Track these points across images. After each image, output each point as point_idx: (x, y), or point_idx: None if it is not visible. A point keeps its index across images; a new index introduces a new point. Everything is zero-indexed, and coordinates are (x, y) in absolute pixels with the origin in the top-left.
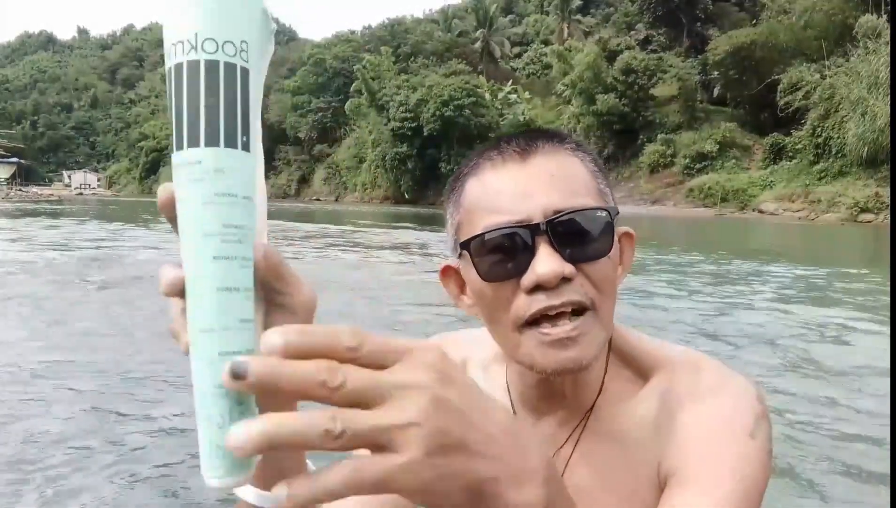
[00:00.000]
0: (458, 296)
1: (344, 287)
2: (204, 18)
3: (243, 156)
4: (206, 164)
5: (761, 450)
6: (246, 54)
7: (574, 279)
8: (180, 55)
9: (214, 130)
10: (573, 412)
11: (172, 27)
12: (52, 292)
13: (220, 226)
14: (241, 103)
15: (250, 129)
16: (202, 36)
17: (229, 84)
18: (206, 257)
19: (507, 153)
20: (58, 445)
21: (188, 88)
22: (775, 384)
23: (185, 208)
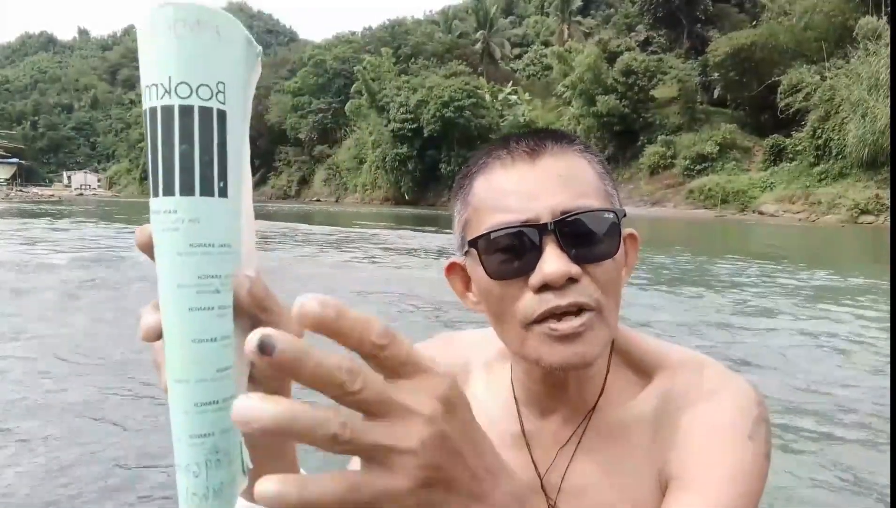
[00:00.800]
0: (463, 293)
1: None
2: (178, 61)
3: (220, 203)
4: (180, 213)
5: (759, 453)
6: (223, 95)
7: (580, 280)
8: (154, 99)
9: (189, 177)
10: (576, 411)
11: (147, 68)
12: (52, 290)
13: (196, 278)
14: (219, 147)
15: (228, 173)
16: (175, 80)
17: (205, 129)
18: (180, 308)
19: (516, 153)
20: (60, 445)
21: (162, 134)
22: (775, 384)
23: (161, 256)
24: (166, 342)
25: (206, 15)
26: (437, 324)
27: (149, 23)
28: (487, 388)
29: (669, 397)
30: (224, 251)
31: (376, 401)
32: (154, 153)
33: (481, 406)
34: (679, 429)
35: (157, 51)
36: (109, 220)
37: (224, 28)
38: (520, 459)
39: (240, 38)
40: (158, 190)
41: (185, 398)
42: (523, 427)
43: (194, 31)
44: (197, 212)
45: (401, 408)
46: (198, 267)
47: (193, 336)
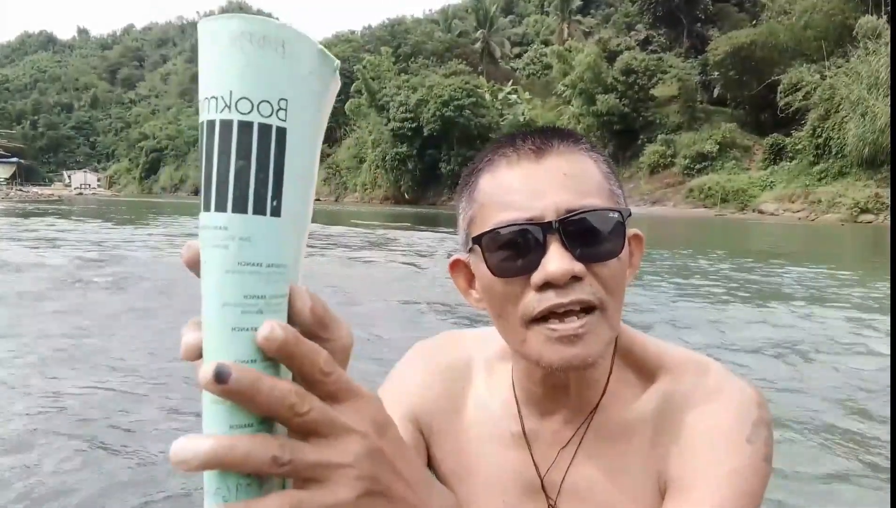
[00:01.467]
0: (466, 290)
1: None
2: (240, 76)
3: (272, 222)
4: (231, 230)
5: (758, 456)
6: (284, 113)
7: (584, 279)
8: (213, 112)
9: (243, 194)
10: (577, 412)
11: (207, 79)
12: (51, 291)
13: (241, 297)
14: (275, 166)
15: (283, 192)
16: (237, 95)
17: (262, 146)
18: (224, 328)
19: (522, 151)
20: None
21: (219, 149)
22: (775, 384)
23: (208, 273)
24: (206, 361)
25: (272, 30)
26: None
27: (211, 33)
28: (489, 387)
29: (671, 398)
30: (272, 271)
31: (321, 421)
32: (209, 166)
33: (482, 405)
34: (679, 431)
35: (219, 63)
36: (109, 219)
37: (290, 43)
38: (520, 458)
39: (307, 53)
40: (210, 204)
41: (221, 420)
42: (524, 427)
43: (259, 46)
44: (248, 230)
45: (340, 427)
46: (244, 286)
47: (234, 357)
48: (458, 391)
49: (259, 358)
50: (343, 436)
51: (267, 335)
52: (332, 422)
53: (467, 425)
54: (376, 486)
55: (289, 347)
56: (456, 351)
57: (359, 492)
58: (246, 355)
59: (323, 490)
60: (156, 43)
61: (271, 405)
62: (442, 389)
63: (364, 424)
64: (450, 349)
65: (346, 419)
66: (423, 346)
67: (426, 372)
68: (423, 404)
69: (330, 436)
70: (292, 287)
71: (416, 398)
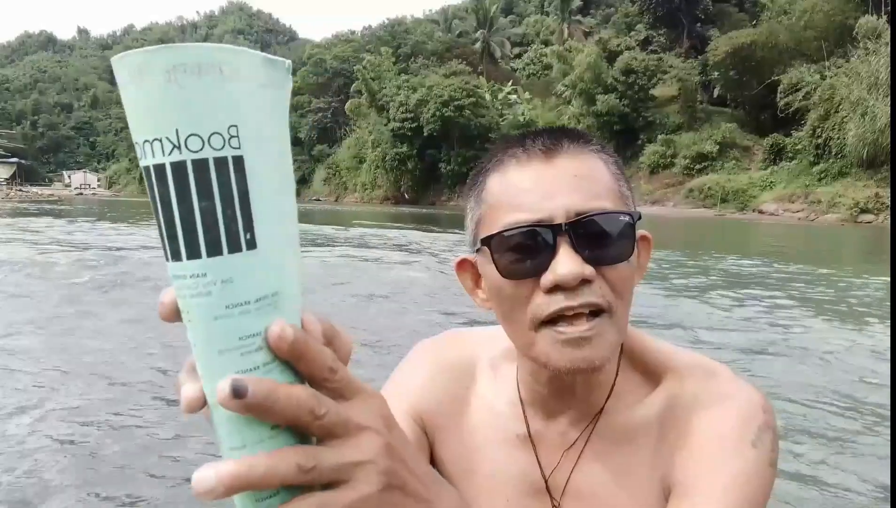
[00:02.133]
0: (472, 290)
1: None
2: (184, 113)
3: (250, 256)
4: (211, 276)
5: (762, 460)
6: (237, 140)
7: (593, 282)
8: (159, 155)
9: (214, 237)
10: (583, 413)
11: (142, 121)
12: (51, 291)
13: (237, 340)
14: (240, 198)
15: (254, 222)
16: (184, 133)
17: (223, 181)
18: (225, 375)
19: (532, 151)
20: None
21: (177, 194)
22: (775, 384)
23: (194, 323)
24: (214, 410)
25: (206, 56)
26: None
27: (136, 69)
28: (493, 387)
29: (677, 401)
30: (261, 305)
31: (337, 422)
32: (168, 214)
33: (487, 405)
34: (685, 434)
35: (156, 102)
36: (110, 219)
37: (228, 65)
38: (524, 459)
39: (250, 68)
40: (181, 254)
41: (236, 438)
42: (529, 428)
43: (196, 77)
44: (228, 271)
45: (355, 426)
46: (238, 329)
47: None
48: (462, 390)
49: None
50: (359, 434)
51: (279, 333)
52: (347, 421)
53: (471, 425)
54: (394, 480)
55: (299, 345)
56: (460, 350)
57: (380, 486)
58: None
59: (346, 489)
60: (156, 43)
61: (291, 411)
62: (445, 388)
63: (375, 420)
64: (453, 348)
65: (358, 417)
66: (426, 345)
67: (430, 371)
68: (427, 403)
69: (346, 435)
70: (284, 325)
71: (420, 397)
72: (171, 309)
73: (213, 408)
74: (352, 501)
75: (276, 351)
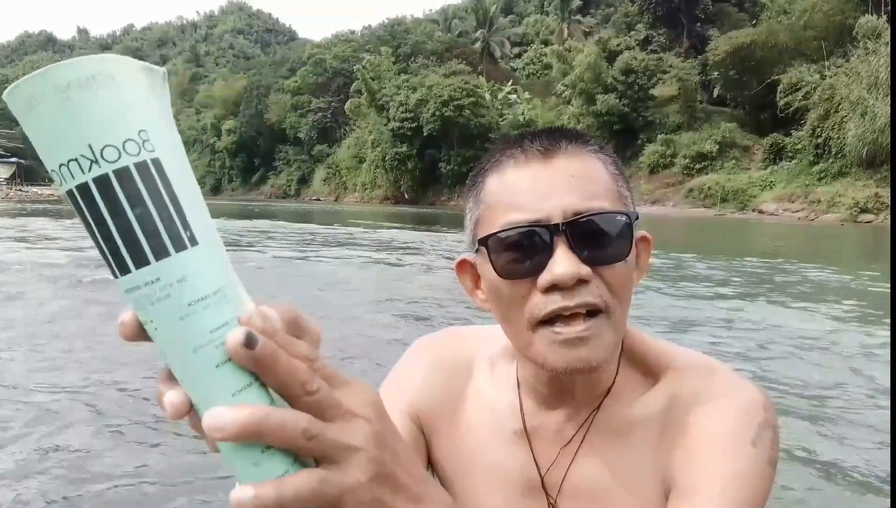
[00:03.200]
0: (472, 290)
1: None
2: (92, 126)
3: (195, 252)
4: (165, 279)
5: (762, 459)
6: (150, 143)
7: (590, 282)
8: (80, 175)
9: (157, 240)
10: (581, 409)
11: (52, 146)
12: (52, 291)
13: (208, 333)
14: (170, 198)
15: (187, 218)
16: (98, 146)
17: (149, 185)
18: (207, 370)
19: (530, 152)
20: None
21: (108, 207)
22: (775, 384)
23: (161, 329)
24: (203, 409)
25: (94, 67)
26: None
27: (30, 97)
28: (491, 384)
29: (677, 398)
30: (219, 297)
31: (328, 403)
32: (104, 230)
33: (484, 402)
34: (684, 432)
35: (60, 123)
36: None
37: (118, 73)
38: (521, 456)
39: (136, 75)
40: (127, 266)
41: (248, 455)
42: (525, 425)
43: (92, 88)
44: (181, 270)
45: (346, 411)
46: (206, 322)
47: (232, 390)
48: (460, 387)
49: (253, 380)
50: (350, 419)
51: (240, 340)
52: (338, 404)
53: (468, 422)
54: (383, 470)
55: (292, 324)
56: (458, 348)
57: (370, 475)
58: (241, 382)
59: (339, 471)
60: (155, 43)
61: (287, 378)
62: (443, 385)
63: (366, 409)
64: (451, 345)
65: (350, 404)
66: (424, 342)
67: (428, 368)
68: (424, 400)
69: (337, 419)
70: (256, 310)
71: (417, 395)
72: (132, 326)
73: (200, 408)
74: (344, 483)
75: (234, 356)
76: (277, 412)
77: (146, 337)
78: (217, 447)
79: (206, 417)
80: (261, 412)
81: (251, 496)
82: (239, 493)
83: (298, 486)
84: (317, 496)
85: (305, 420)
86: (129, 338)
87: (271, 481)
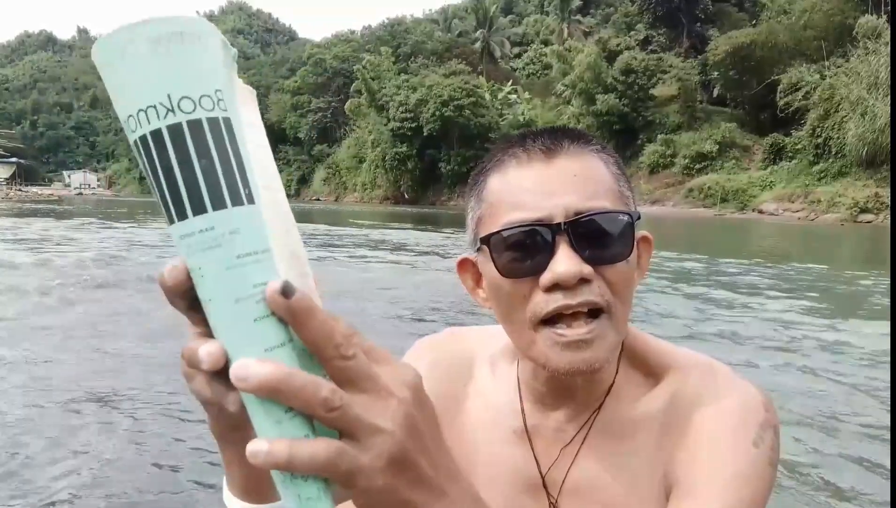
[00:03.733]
0: (473, 289)
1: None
2: (175, 76)
3: (251, 209)
4: (218, 229)
5: (763, 459)
6: (224, 103)
7: (592, 281)
8: (155, 121)
9: (217, 191)
10: (582, 409)
11: (132, 93)
12: (51, 291)
13: (252, 287)
14: (234, 155)
15: (248, 179)
16: (176, 96)
17: (217, 140)
18: (246, 322)
19: (532, 151)
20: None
21: (176, 155)
22: (775, 385)
23: (208, 277)
24: (235, 360)
25: (187, 25)
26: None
27: (120, 47)
28: (492, 383)
29: (678, 399)
30: (266, 257)
31: (363, 373)
32: (170, 177)
33: (485, 401)
34: (685, 432)
35: (145, 71)
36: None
37: (205, 35)
38: (522, 455)
39: (219, 42)
40: (186, 212)
41: (271, 414)
42: (526, 424)
43: (181, 44)
44: (234, 223)
45: (380, 387)
46: (251, 276)
47: (265, 345)
48: (460, 387)
49: (287, 340)
50: (383, 396)
51: (277, 288)
52: (374, 378)
53: (469, 421)
54: (405, 457)
55: (305, 297)
56: (459, 348)
57: (388, 460)
58: (276, 340)
59: (358, 448)
60: None
61: (321, 336)
62: (445, 385)
63: (403, 390)
64: (453, 345)
65: (387, 381)
66: (425, 342)
67: (429, 368)
68: None
69: (371, 393)
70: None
71: None
72: (181, 270)
73: (234, 357)
74: (360, 463)
75: (273, 305)
76: (301, 375)
77: (190, 285)
78: (243, 401)
79: (234, 366)
80: (284, 371)
81: (265, 450)
82: (254, 445)
83: (313, 452)
84: (329, 467)
85: (328, 391)
86: (172, 282)
87: (287, 440)
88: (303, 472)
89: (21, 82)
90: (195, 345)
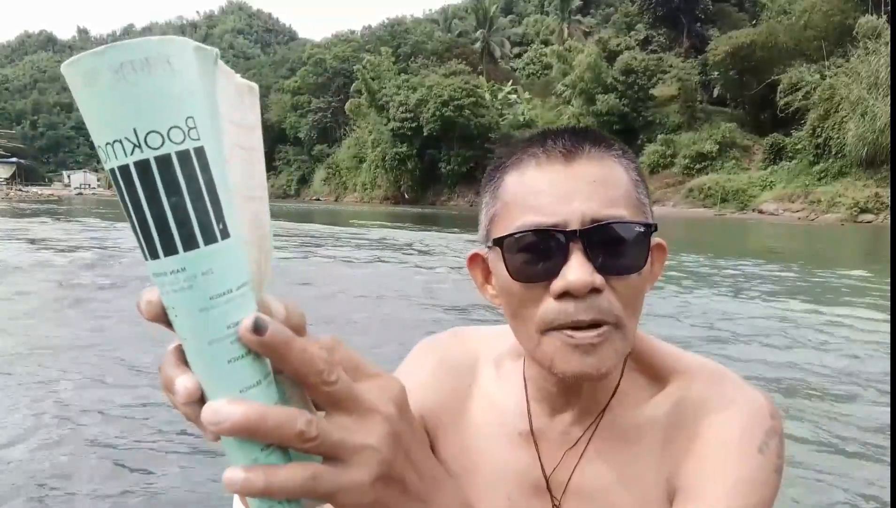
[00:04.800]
0: (482, 285)
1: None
2: (139, 111)
3: (225, 246)
4: (190, 270)
5: (768, 466)
6: (195, 131)
7: (602, 291)
8: (122, 156)
9: (188, 230)
10: (587, 411)
11: (100, 124)
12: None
13: (225, 328)
14: (207, 188)
15: (222, 210)
16: (143, 131)
17: (188, 174)
18: (220, 364)
19: (552, 153)
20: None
21: (145, 193)
22: (775, 385)
23: (182, 317)
24: (211, 399)
25: (152, 49)
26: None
27: (86, 74)
28: (497, 385)
29: (684, 404)
30: (244, 292)
31: (346, 395)
32: (139, 214)
33: (489, 403)
34: (691, 437)
35: (110, 104)
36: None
37: (173, 56)
38: (526, 457)
39: (190, 57)
40: (157, 252)
41: (248, 452)
42: (532, 425)
43: (146, 72)
44: (207, 263)
45: (364, 405)
46: (225, 317)
47: (239, 387)
48: (465, 388)
49: (262, 378)
50: (367, 415)
51: (249, 326)
52: (357, 398)
53: (473, 422)
54: (392, 471)
55: (283, 323)
56: (463, 348)
57: (374, 476)
58: (252, 379)
59: (341, 469)
60: None
61: (302, 367)
62: (449, 386)
63: (388, 405)
64: (457, 345)
65: (371, 398)
66: (429, 342)
67: (433, 369)
68: (429, 401)
69: (354, 413)
70: (264, 299)
71: (422, 395)
72: (155, 307)
73: (210, 397)
74: (342, 483)
75: (249, 344)
76: (275, 412)
77: (166, 320)
78: (215, 437)
79: (204, 409)
80: (257, 412)
81: (241, 478)
82: (230, 473)
83: (288, 478)
84: (306, 491)
85: (303, 423)
86: (151, 318)
87: (262, 466)
88: (280, 498)
89: (21, 82)
90: (172, 374)
